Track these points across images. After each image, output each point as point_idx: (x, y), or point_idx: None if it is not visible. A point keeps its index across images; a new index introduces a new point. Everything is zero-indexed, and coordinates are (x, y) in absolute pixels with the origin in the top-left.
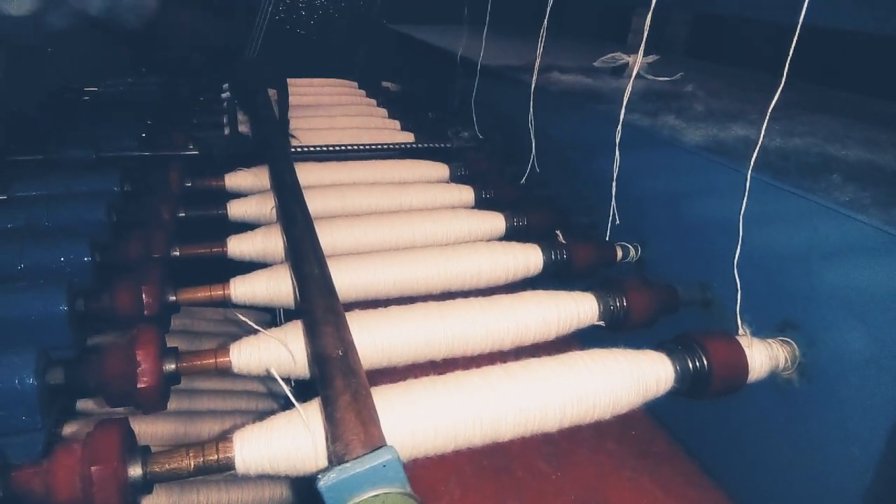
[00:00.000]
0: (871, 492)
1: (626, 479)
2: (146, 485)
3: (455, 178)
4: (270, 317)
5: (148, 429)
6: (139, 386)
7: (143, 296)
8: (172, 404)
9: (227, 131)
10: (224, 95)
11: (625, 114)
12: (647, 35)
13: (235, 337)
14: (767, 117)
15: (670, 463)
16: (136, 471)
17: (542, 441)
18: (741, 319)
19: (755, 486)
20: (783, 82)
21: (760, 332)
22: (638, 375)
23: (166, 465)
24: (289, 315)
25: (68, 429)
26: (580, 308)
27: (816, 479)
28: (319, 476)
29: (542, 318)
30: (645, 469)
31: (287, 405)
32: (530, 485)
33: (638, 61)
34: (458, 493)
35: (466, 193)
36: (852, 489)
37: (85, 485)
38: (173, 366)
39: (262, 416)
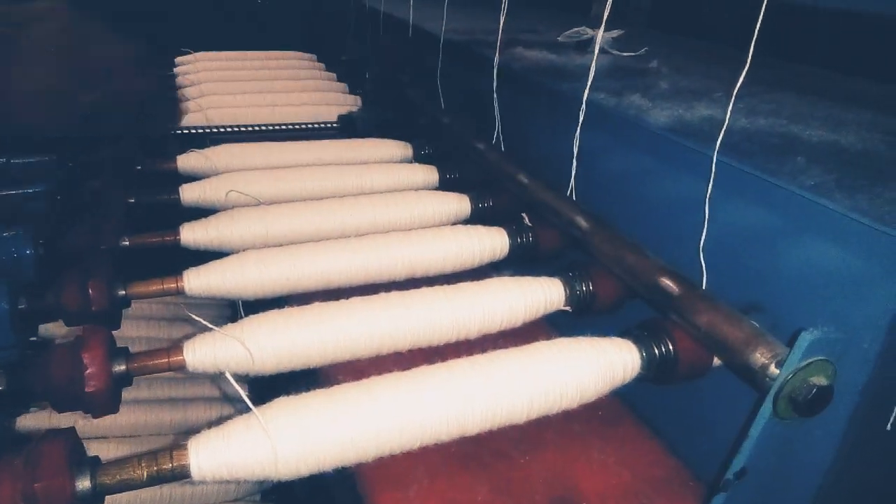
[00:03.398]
0: (832, 472)
1: (594, 460)
2: (96, 497)
3: (419, 158)
4: (231, 311)
5: (105, 421)
6: (87, 390)
7: (91, 291)
8: (130, 393)
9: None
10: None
11: (590, 92)
12: (611, 7)
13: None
14: (733, 100)
15: (637, 443)
16: (84, 484)
17: (510, 426)
18: None
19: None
20: (748, 62)
21: None
22: (605, 364)
23: (117, 477)
24: (247, 307)
25: (22, 422)
26: (547, 294)
27: (780, 459)
28: None
29: (509, 306)
30: (612, 450)
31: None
32: (498, 470)
33: (599, 35)
34: (426, 482)
35: (431, 174)
36: (814, 470)
37: (28, 503)
38: (123, 367)
39: (227, 402)
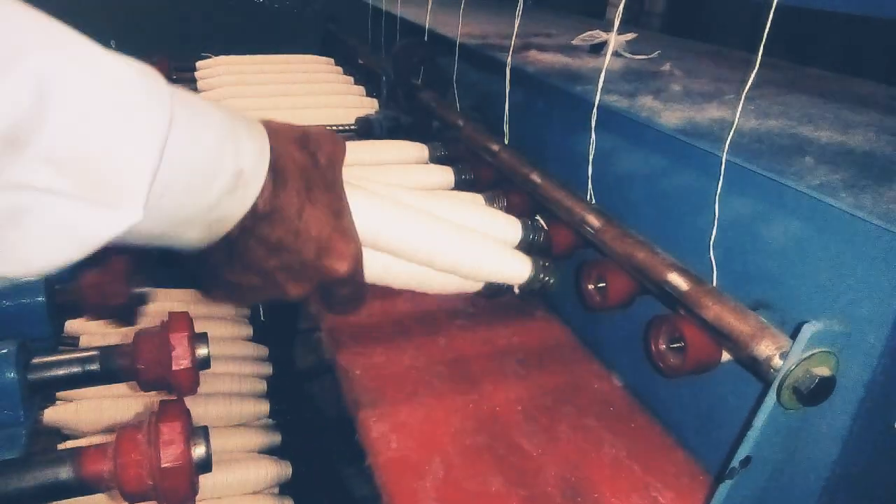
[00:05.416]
0: (839, 465)
1: (605, 454)
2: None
3: (435, 159)
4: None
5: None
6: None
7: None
8: None
9: None
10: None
11: (603, 95)
12: (625, 11)
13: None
14: (742, 101)
15: (648, 438)
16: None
17: (524, 419)
18: None
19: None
20: (757, 66)
21: None
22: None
23: None
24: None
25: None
26: None
27: (786, 451)
28: None
29: None
30: (623, 445)
31: None
32: (512, 463)
33: (612, 40)
34: (441, 473)
35: (446, 175)
36: (821, 463)
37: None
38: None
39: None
